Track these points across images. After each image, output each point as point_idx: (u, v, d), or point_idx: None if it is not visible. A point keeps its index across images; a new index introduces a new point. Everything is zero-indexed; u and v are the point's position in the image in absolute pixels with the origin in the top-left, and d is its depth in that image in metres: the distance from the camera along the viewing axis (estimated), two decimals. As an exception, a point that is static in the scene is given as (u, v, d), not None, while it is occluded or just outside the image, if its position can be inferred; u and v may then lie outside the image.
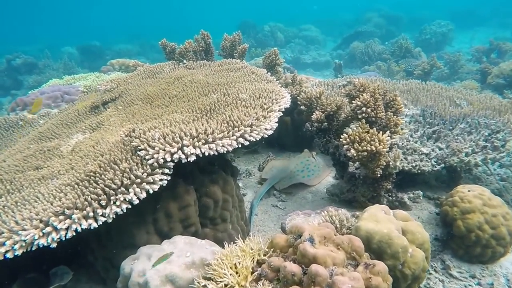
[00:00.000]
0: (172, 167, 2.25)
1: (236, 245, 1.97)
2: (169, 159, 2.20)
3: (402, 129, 2.81)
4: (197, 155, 2.27)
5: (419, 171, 3.07)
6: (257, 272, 1.75)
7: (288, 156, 4.68)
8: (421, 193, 3.06)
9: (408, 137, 3.58)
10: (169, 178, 2.24)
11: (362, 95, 2.71)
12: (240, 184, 4.00)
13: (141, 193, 2.11)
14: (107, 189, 2.08)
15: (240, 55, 4.48)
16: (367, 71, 9.60)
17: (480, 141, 3.32)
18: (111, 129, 3.13)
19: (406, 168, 3.05)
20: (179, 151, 2.22)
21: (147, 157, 2.22)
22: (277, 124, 2.72)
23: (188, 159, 2.24)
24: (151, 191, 2.15)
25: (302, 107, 3.45)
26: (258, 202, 3.60)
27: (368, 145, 2.47)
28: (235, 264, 1.82)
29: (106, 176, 2.15)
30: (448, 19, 14.55)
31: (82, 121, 3.60)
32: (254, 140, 2.46)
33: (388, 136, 2.49)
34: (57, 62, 12.69)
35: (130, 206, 2.09)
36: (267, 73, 3.76)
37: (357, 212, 2.49)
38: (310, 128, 3.42)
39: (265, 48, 12.96)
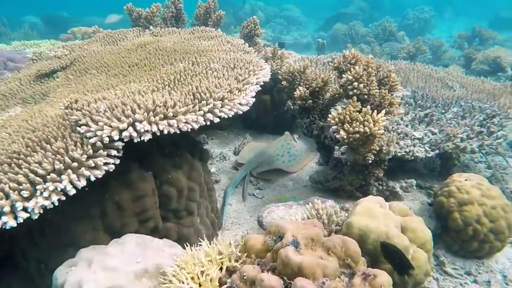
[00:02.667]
0: (121, 147, 1.79)
1: (200, 248, 1.56)
2: (116, 138, 1.74)
3: (397, 109, 2.45)
4: (153, 133, 1.81)
5: (412, 158, 2.74)
6: (226, 285, 1.35)
7: (267, 139, 4.27)
8: (415, 182, 2.75)
9: (398, 120, 3.25)
10: (117, 161, 1.78)
11: (354, 68, 2.32)
12: (213, 169, 3.58)
13: (79, 180, 1.64)
14: (32, 175, 1.60)
15: (215, 23, 3.98)
16: (349, 53, 9.22)
17: (475, 126, 3.03)
18: (55, 101, 2.60)
19: (399, 154, 2.72)
20: (130, 128, 1.75)
21: (88, 134, 1.74)
22: (254, 99, 2.29)
23: (142, 138, 1.78)
24: (93, 178, 1.68)
25: (284, 82, 3.03)
26: (233, 190, 3.19)
27: (361, 126, 2.09)
28: (197, 274, 1.41)
29: (33, 158, 1.66)
30: (430, 6, 14.36)
31: (23, 92, 3.03)
32: (226, 116, 2.02)
33: (383, 115, 2.12)
34: (16, 31, 11.52)
35: (64, 198, 1.62)
36: (244, 43, 3.30)
37: (346, 204, 2.13)
38: (292, 107, 3.02)
39: (244, 26, 12.30)
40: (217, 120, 1.99)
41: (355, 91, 2.30)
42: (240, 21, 14.93)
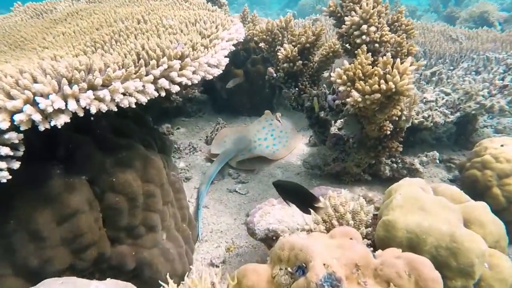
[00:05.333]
0: (18, 142, 1.09)
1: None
2: (6, 126, 1.03)
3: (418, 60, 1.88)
4: (75, 115, 1.12)
5: (431, 124, 2.20)
6: None
7: (244, 122, 3.63)
8: (437, 154, 2.22)
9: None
10: (15, 165, 1.08)
11: (360, 6, 1.70)
12: (182, 165, 2.90)
13: None
14: None
15: (168, -16, 3.22)
16: (320, 27, 8.67)
17: (496, 80, 2.53)
18: None
19: (416, 122, 2.17)
20: (29, 107, 1.05)
21: (-46, 125, 1.03)
22: (227, 60, 1.64)
23: (53, 123, 1.08)
24: (-34, 198, 0.98)
25: (261, 44, 2.38)
26: (208, 187, 2.54)
27: (383, 81, 1.48)
28: None
29: None
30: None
31: None
32: (189, 83, 1.36)
33: (411, 64, 1.53)
34: None
35: None
36: (207, 3, 2.62)
37: (369, 193, 1.55)
38: (274, 75, 2.38)
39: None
40: (176, 88, 1.32)
41: (363, 37, 1.69)
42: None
